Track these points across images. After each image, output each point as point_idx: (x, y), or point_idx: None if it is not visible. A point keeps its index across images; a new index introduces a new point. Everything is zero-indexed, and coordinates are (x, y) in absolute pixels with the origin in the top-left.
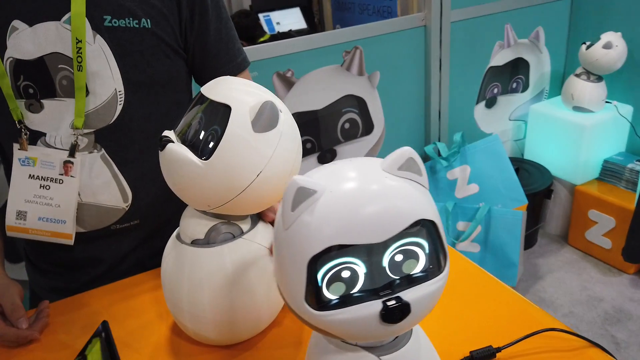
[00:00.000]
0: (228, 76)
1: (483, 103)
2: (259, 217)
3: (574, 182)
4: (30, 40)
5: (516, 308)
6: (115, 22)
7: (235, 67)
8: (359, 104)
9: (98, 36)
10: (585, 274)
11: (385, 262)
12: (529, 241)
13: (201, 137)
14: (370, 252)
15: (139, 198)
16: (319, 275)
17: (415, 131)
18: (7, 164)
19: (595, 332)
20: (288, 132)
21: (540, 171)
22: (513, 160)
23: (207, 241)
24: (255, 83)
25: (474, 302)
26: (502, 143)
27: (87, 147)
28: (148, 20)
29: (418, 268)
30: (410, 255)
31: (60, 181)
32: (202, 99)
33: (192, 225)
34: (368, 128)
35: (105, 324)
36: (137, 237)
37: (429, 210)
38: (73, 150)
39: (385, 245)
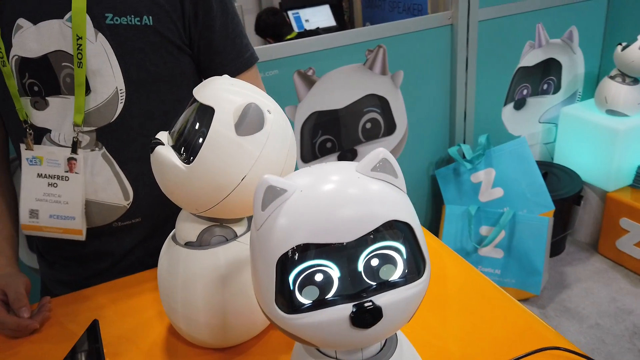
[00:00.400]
0: (219, 76)
1: (511, 104)
2: None
3: (606, 189)
4: (34, 39)
5: (521, 323)
6: (116, 20)
7: (242, 63)
8: (382, 103)
9: (100, 34)
10: (614, 285)
11: (360, 266)
12: (556, 248)
13: (189, 139)
14: (344, 256)
15: (140, 196)
16: (290, 278)
17: (439, 132)
18: (18, 163)
19: (622, 347)
20: (277, 133)
21: (570, 176)
22: (542, 164)
23: (199, 244)
24: (247, 83)
25: (476, 314)
26: (530, 146)
27: (89, 145)
28: (150, 17)
29: (396, 274)
30: (387, 261)
31: (66, 178)
32: (194, 100)
33: (186, 227)
34: (390, 128)
35: (95, 323)
36: (139, 235)
37: (404, 212)
38: (75, 147)
39: (357, 247)
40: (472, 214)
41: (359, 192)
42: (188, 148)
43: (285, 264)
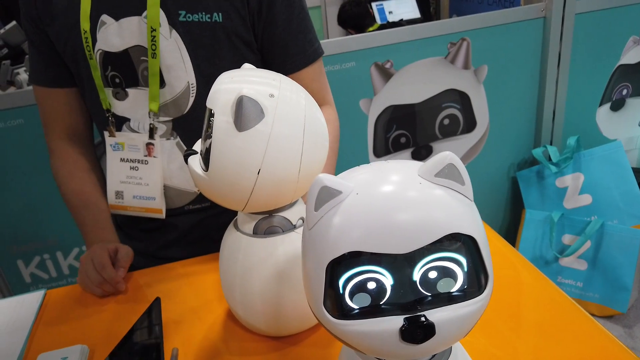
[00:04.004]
0: (223, 73)
1: (608, 105)
2: None
3: None
4: (116, 34)
5: (599, 345)
6: (189, 17)
7: (304, 58)
8: (462, 99)
9: (174, 31)
10: None
11: (416, 276)
12: None
13: (206, 146)
14: (398, 264)
15: None
16: (340, 282)
17: (524, 132)
18: (104, 148)
19: None
20: (284, 117)
21: None
22: (638, 172)
23: (257, 233)
24: (251, 70)
25: (550, 331)
26: (626, 151)
27: (165, 134)
28: (220, 14)
29: (455, 287)
30: (446, 273)
31: (146, 162)
32: None
33: (244, 215)
34: (470, 125)
35: (157, 301)
36: (207, 214)
37: (468, 224)
38: (152, 133)
39: (414, 257)
40: (555, 221)
41: (419, 200)
42: (206, 155)
43: (336, 268)
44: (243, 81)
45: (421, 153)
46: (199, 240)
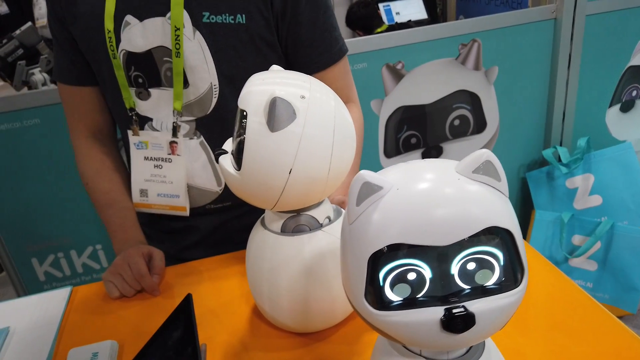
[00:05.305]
0: (254, 75)
1: (618, 106)
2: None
3: None
4: (140, 35)
5: (618, 340)
6: (212, 19)
7: (330, 57)
8: (472, 100)
9: (197, 32)
10: None
11: (454, 269)
12: None
13: (238, 145)
14: (438, 257)
15: None
16: (381, 274)
17: (534, 133)
18: (125, 147)
19: None
20: (315, 118)
21: None
22: None
23: (285, 231)
24: (281, 72)
25: (566, 326)
26: (637, 152)
27: (189, 134)
28: (243, 15)
29: (492, 280)
30: (484, 266)
31: (169, 160)
32: None
33: (272, 213)
34: (480, 126)
35: (189, 297)
36: (228, 215)
37: (505, 218)
38: (175, 131)
39: (452, 250)
40: (564, 222)
41: (458, 195)
42: (238, 154)
43: (377, 261)
44: (275, 83)
45: (431, 154)
46: (221, 242)
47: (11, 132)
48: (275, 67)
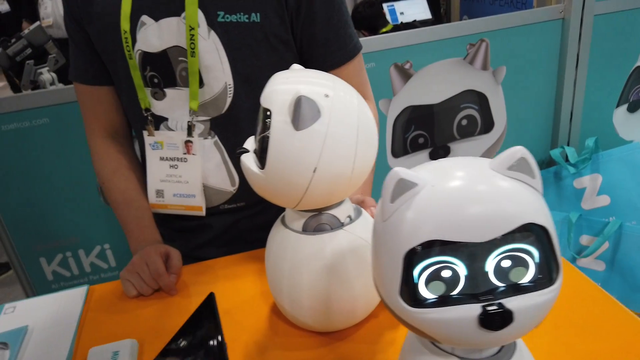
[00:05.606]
0: (276, 73)
1: (625, 106)
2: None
3: None
4: (156, 35)
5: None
6: (227, 18)
7: (344, 55)
8: (480, 100)
9: (212, 32)
10: None
11: (488, 266)
12: None
13: (261, 144)
14: (472, 254)
15: (245, 183)
16: (416, 271)
17: (541, 133)
18: (140, 147)
19: None
20: (339, 116)
21: None
22: None
23: (306, 230)
24: (304, 70)
25: (589, 327)
26: None
27: (203, 134)
28: (257, 14)
29: (527, 278)
30: (518, 263)
31: (185, 160)
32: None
33: (293, 212)
34: (487, 126)
35: (211, 296)
36: (242, 215)
37: (541, 215)
38: (190, 131)
39: (487, 247)
40: (572, 222)
41: (494, 191)
42: (262, 153)
43: (412, 258)
44: (298, 82)
45: (439, 153)
46: (234, 241)
47: (20, 132)
48: (296, 66)
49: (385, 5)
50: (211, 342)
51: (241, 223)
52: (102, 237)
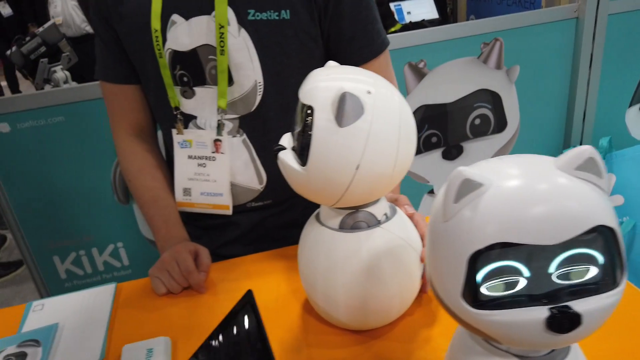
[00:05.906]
0: (315, 70)
1: (637, 106)
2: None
3: None
4: (185, 33)
5: None
6: (257, 16)
7: (371, 51)
8: (493, 99)
9: (242, 30)
10: None
11: (552, 268)
12: None
13: (302, 141)
14: (538, 256)
15: (273, 181)
16: (481, 273)
17: (554, 132)
18: (166, 146)
19: None
20: (381, 113)
21: None
22: None
23: (342, 227)
24: (343, 67)
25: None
26: None
27: (232, 132)
28: (287, 11)
29: (590, 278)
30: (582, 264)
31: (213, 158)
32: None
33: (328, 210)
34: (500, 125)
35: (250, 293)
36: (268, 213)
37: (609, 216)
38: (219, 129)
39: (555, 250)
40: None
41: (562, 193)
42: (302, 149)
43: (477, 259)
44: (340, 78)
45: (452, 153)
46: (260, 239)
47: (36, 130)
48: (332, 63)
49: (392, 5)
50: (254, 340)
51: (268, 221)
52: (115, 235)
